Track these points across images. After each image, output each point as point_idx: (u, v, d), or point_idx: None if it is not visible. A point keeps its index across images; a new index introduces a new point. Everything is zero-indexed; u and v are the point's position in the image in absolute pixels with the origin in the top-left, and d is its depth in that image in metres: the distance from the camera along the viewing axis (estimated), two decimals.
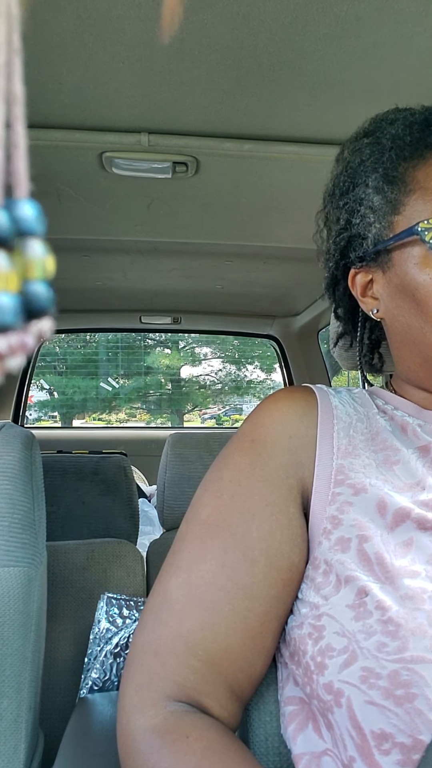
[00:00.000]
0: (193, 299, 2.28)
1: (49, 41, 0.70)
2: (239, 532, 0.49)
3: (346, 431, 0.54)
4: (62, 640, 1.16)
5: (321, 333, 2.48)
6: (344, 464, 0.51)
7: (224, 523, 0.49)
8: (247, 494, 0.50)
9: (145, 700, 0.46)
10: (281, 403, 0.57)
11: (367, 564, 0.46)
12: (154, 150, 0.95)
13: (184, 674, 0.46)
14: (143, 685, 0.46)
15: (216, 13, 0.65)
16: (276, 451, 0.53)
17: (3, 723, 0.77)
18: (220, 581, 0.47)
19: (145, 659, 0.47)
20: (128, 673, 0.48)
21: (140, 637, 0.49)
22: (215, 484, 0.52)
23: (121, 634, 1.11)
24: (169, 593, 0.48)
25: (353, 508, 0.49)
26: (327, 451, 0.53)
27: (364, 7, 0.64)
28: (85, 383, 5.57)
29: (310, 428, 0.54)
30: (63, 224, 1.32)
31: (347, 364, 0.83)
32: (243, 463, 0.53)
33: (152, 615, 0.49)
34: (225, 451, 0.56)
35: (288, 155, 0.97)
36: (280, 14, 0.65)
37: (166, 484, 1.33)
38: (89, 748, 0.84)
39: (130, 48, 0.72)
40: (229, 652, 0.46)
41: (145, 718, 0.45)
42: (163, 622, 0.48)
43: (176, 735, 0.43)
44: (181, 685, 0.46)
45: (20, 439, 0.88)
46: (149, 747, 0.44)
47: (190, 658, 0.46)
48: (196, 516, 0.51)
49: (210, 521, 0.50)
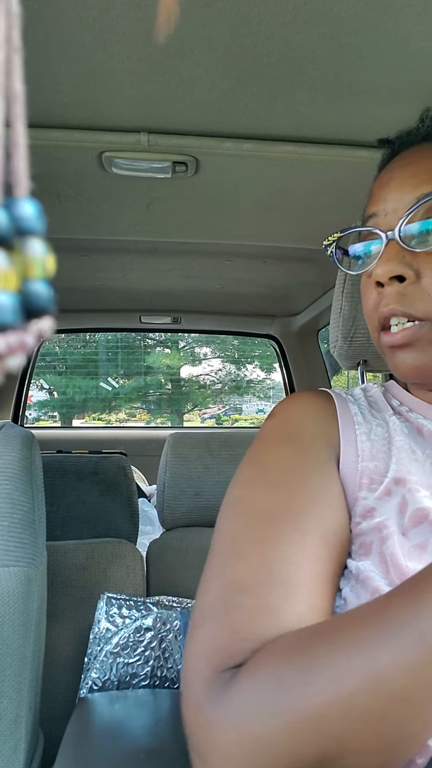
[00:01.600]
0: (193, 299, 2.28)
1: (48, 41, 0.70)
2: (310, 519, 0.47)
3: (367, 435, 0.54)
4: (62, 640, 1.16)
5: (321, 333, 2.48)
6: (369, 467, 0.52)
7: (290, 511, 0.47)
8: (305, 483, 0.49)
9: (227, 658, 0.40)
10: (310, 404, 0.58)
11: (384, 566, 0.46)
12: (153, 150, 0.95)
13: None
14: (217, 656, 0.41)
15: (215, 12, 0.65)
16: (316, 444, 0.53)
17: (3, 723, 0.77)
18: (309, 564, 0.45)
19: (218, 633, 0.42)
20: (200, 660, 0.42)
21: (206, 626, 0.43)
22: (263, 477, 0.51)
23: (120, 634, 1.11)
24: (235, 579, 0.44)
25: (377, 512, 0.49)
26: (352, 454, 0.53)
27: (363, 6, 0.64)
28: (85, 383, 5.57)
29: (336, 431, 0.55)
30: (62, 224, 1.32)
31: (347, 363, 0.83)
32: (288, 455, 0.52)
33: (220, 604, 0.43)
34: (259, 448, 0.55)
35: (288, 155, 0.97)
36: (280, 13, 0.65)
37: (166, 484, 1.33)
38: (89, 748, 0.84)
39: (130, 47, 0.72)
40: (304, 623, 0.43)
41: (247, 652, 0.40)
42: (237, 604, 0.43)
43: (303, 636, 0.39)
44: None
45: (20, 438, 0.88)
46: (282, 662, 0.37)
47: (271, 628, 0.41)
48: (252, 509, 0.48)
49: (272, 512, 0.47)
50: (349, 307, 0.79)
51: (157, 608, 1.14)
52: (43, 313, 0.14)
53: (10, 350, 0.14)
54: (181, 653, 1.10)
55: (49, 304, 0.14)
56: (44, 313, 0.14)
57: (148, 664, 1.09)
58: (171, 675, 1.09)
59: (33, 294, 0.14)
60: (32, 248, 0.14)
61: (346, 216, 1.24)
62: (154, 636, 1.11)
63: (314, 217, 1.27)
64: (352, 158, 0.97)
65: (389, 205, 0.55)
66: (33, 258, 0.14)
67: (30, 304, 0.14)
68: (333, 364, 2.55)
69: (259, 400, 6.11)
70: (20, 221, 0.14)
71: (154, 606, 1.14)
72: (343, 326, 0.79)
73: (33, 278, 0.14)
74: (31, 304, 0.14)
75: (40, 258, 0.15)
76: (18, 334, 0.14)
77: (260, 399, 6.10)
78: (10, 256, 0.14)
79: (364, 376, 0.84)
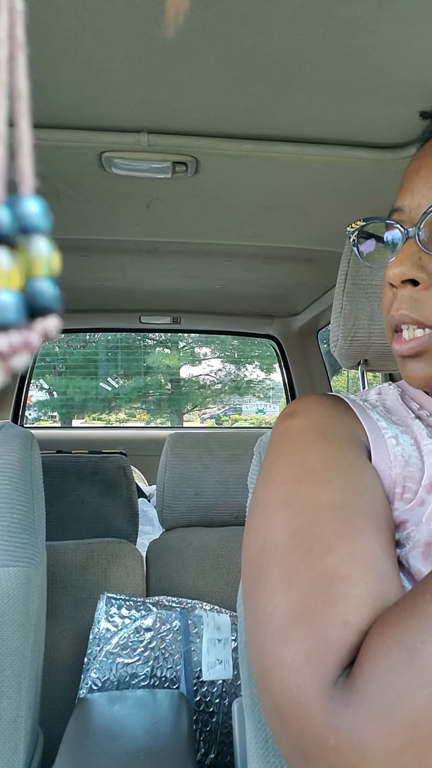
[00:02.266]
0: (193, 299, 2.28)
1: (48, 41, 0.70)
2: (378, 515, 0.44)
3: (396, 440, 0.51)
4: (62, 640, 1.16)
5: (321, 333, 2.48)
6: (402, 474, 0.48)
7: (358, 505, 0.44)
8: (357, 481, 0.46)
9: (325, 668, 0.36)
10: (333, 407, 0.54)
11: (412, 582, 0.44)
12: (153, 150, 0.95)
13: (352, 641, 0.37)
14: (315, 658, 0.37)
15: (215, 12, 0.65)
16: (352, 446, 0.49)
17: (2, 723, 0.77)
18: (390, 558, 0.42)
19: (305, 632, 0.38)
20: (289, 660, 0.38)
21: (308, 620, 0.38)
22: (312, 474, 0.46)
23: (120, 634, 1.10)
24: (331, 569, 0.40)
25: (408, 524, 0.47)
26: (384, 461, 0.50)
27: (362, 7, 0.64)
28: (85, 383, 5.56)
29: (364, 436, 0.52)
30: (62, 224, 1.32)
31: (348, 363, 0.83)
32: (330, 454, 0.48)
33: (319, 596, 0.39)
34: (293, 447, 0.50)
35: (287, 155, 0.97)
36: (279, 14, 0.65)
37: (165, 484, 1.33)
38: (89, 748, 0.84)
39: (130, 48, 0.72)
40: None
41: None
42: (343, 593, 0.39)
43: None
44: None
45: (20, 439, 0.88)
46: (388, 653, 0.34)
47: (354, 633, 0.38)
48: (315, 503, 0.44)
49: (341, 506, 0.43)
50: (350, 307, 0.79)
51: (157, 608, 1.14)
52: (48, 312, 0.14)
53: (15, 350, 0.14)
54: (180, 653, 1.10)
55: (54, 302, 0.14)
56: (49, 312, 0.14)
57: (147, 664, 1.08)
58: (171, 675, 1.09)
59: (38, 292, 0.14)
60: (37, 246, 0.14)
61: (346, 216, 1.24)
62: (153, 636, 1.11)
63: (314, 217, 1.27)
64: (352, 158, 0.97)
65: (415, 200, 0.51)
66: (38, 256, 0.14)
67: (35, 303, 0.14)
68: (333, 364, 2.55)
69: (259, 401, 6.11)
70: (25, 219, 0.14)
71: (153, 606, 1.14)
72: (344, 326, 0.79)
73: (38, 276, 0.14)
74: (36, 302, 0.14)
75: (46, 256, 0.14)
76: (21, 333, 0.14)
77: (260, 399, 6.10)
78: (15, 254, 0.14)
79: (364, 376, 0.84)
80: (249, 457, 0.68)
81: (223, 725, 1.09)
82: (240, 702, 0.73)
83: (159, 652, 1.09)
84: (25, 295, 0.14)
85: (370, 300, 0.78)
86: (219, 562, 1.28)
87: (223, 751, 1.09)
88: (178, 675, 1.09)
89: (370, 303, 0.78)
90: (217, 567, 1.28)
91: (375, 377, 1.87)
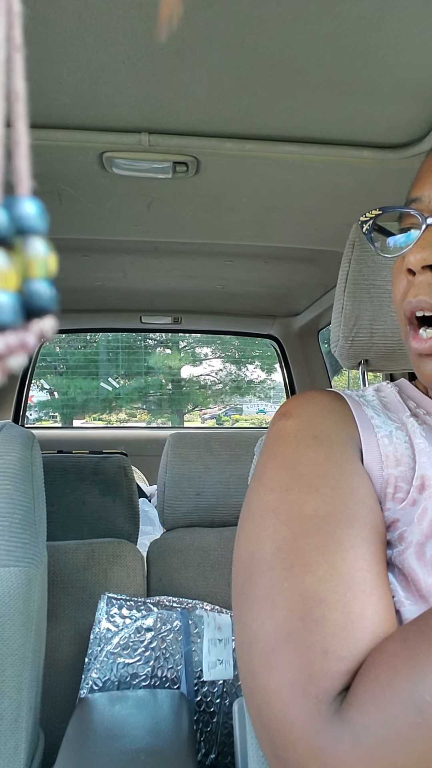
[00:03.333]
0: (194, 299, 2.28)
1: (49, 41, 0.70)
2: (365, 522, 0.44)
3: (389, 439, 0.51)
4: (62, 640, 1.16)
5: (321, 333, 2.48)
6: (394, 474, 0.49)
7: (343, 514, 0.44)
8: (345, 487, 0.46)
9: (320, 692, 0.36)
10: (327, 404, 0.54)
11: (404, 580, 0.44)
12: (154, 150, 0.95)
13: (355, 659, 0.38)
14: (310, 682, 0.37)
15: (217, 12, 0.65)
16: (344, 447, 0.50)
17: (3, 723, 0.77)
18: (373, 567, 0.42)
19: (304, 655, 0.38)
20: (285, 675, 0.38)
21: (290, 648, 0.38)
22: (299, 480, 0.47)
23: (121, 634, 1.10)
24: (310, 591, 0.40)
25: (399, 523, 0.47)
26: (375, 460, 0.50)
27: (365, 6, 0.64)
28: (85, 384, 5.57)
29: (356, 434, 0.52)
30: (63, 224, 1.32)
31: (348, 363, 0.83)
32: (320, 458, 0.48)
33: (299, 622, 0.39)
34: (285, 450, 0.50)
35: (289, 155, 0.97)
36: (281, 13, 0.65)
37: (166, 484, 1.33)
38: (90, 748, 0.84)
39: (131, 48, 0.72)
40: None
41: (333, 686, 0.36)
42: (321, 618, 0.39)
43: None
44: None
45: (20, 439, 0.88)
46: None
47: (361, 642, 0.38)
48: (300, 514, 0.44)
49: (325, 516, 0.44)
50: (351, 307, 0.79)
51: (158, 608, 1.14)
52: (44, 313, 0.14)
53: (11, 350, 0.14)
54: (181, 654, 1.10)
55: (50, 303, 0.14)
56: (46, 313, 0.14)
57: (148, 664, 1.08)
58: (171, 675, 1.09)
59: (34, 293, 0.14)
60: (34, 247, 0.14)
61: (348, 216, 1.24)
62: (154, 636, 1.11)
63: (315, 217, 1.27)
64: (354, 158, 0.97)
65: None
66: (34, 257, 0.14)
67: (31, 304, 0.14)
68: (333, 364, 2.55)
69: (260, 401, 6.11)
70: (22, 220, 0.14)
71: (154, 606, 1.14)
72: (345, 326, 0.79)
73: (34, 277, 0.14)
74: (33, 303, 0.14)
75: (42, 257, 0.14)
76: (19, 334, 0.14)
77: (261, 399, 6.10)
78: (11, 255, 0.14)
79: (365, 376, 0.84)
80: (250, 457, 0.67)
81: (223, 725, 1.09)
82: (241, 702, 0.73)
83: (160, 653, 1.09)
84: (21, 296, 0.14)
85: (372, 300, 0.78)
86: (220, 562, 1.28)
87: (224, 752, 1.09)
88: (178, 675, 1.09)
89: (372, 303, 0.78)
90: (218, 567, 1.28)
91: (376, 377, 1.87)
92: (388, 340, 0.78)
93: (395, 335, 0.77)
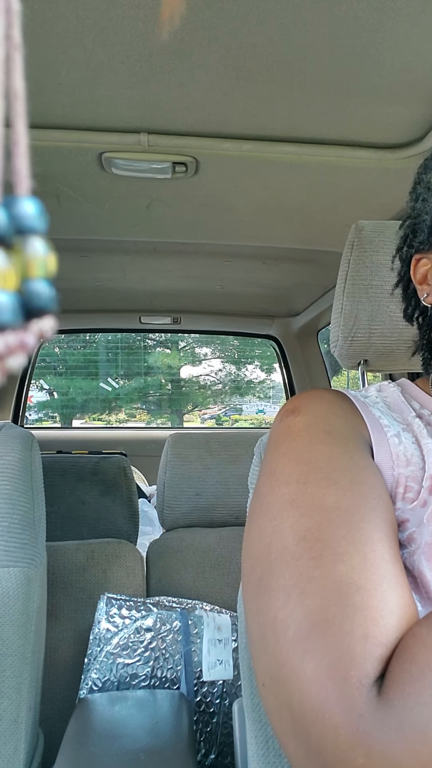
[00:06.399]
0: (193, 299, 2.28)
1: (48, 41, 0.70)
2: (383, 517, 0.44)
3: (398, 438, 0.51)
4: (62, 641, 1.16)
5: (321, 333, 2.48)
6: (405, 474, 0.48)
7: (364, 507, 0.44)
8: (362, 481, 0.46)
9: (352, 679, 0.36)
10: (335, 402, 0.54)
11: (413, 582, 0.44)
12: (153, 150, 0.95)
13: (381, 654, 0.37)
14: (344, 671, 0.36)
15: (215, 12, 0.65)
16: (356, 443, 0.49)
17: (3, 723, 0.77)
18: (398, 562, 0.42)
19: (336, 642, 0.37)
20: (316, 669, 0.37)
21: (329, 632, 0.37)
22: (317, 474, 0.46)
23: (121, 635, 1.10)
24: (345, 578, 0.39)
25: (409, 524, 0.47)
26: (386, 459, 0.49)
27: (363, 7, 0.64)
28: (85, 384, 5.57)
29: (366, 432, 0.51)
30: (62, 224, 1.32)
31: (348, 363, 0.83)
32: (335, 452, 0.47)
33: (336, 607, 0.38)
34: (297, 445, 0.49)
35: (288, 155, 0.97)
36: (280, 14, 0.65)
37: (166, 485, 1.33)
38: (89, 749, 0.84)
39: (130, 48, 0.72)
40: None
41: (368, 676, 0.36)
42: (360, 604, 0.38)
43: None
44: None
45: (20, 439, 0.88)
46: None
47: (397, 630, 0.38)
48: (322, 506, 0.43)
49: (347, 508, 0.43)
50: (350, 307, 0.79)
51: (157, 609, 1.14)
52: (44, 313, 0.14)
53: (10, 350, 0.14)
54: (180, 654, 1.10)
55: (50, 303, 0.14)
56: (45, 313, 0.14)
57: (148, 664, 1.08)
58: (171, 675, 1.09)
59: (34, 293, 0.14)
60: (33, 247, 0.14)
61: (346, 217, 1.24)
62: (154, 636, 1.11)
63: (314, 217, 1.27)
64: (352, 159, 0.97)
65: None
66: (33, 257, 0.14)
67: (31, 304, 0.14)
68: (333, 364, 2.55)
69: (260, 401, 6.11)
70: (21, 220, 0.14)
71: (154, 606, 1.14)
72: (344, 326, 0.79)
73: (34, 277, 0.14)
74: (32, 303, 0.14)
75: (41, 257, 0.14)
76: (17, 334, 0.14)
77: (260, 399, 6.10)
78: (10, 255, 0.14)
79: (364, 376, 0.84)
80: (249, 458, 0.67)
81: (223, 726, 1.09)
82: (240, 702, 0.73)
83: (159, 653, 1.09)
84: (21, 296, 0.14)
85: (371, 300, 0.78)
86: (219, 563, 1.28)
87: (224, 752, 1.09)
88: (178, 675, 1.09)
89: (371, 303, 0.78)
90: (218, 567, 1.28)
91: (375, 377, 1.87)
92: (387, 340, 0.78)
93: (394, 335, 0.77)
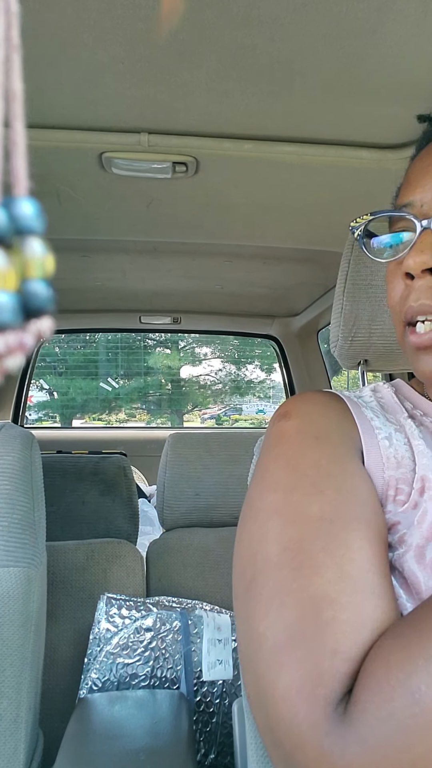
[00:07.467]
0: (193, 299, 2.28)
1: (48, 41, 0.70)
2: (369, 523, 0.44)
3: (389, 440, 0.51)
4: (62, 641, 1.16)
5: (321, 333, 2.48)
6: (395, 476, 0.48)
7: (348, 516, 0.44)
8: (349, 488, 0.46)
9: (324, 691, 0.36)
10: (327, 405, 0.54)
11: (404, 583, 0.45)
12: (153, 150, 0.95)
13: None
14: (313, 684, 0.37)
15: (216, 13, 0.65)
16: (345, 448, 0.49)
17: (2, 723, 0.77)
18: (380, 569, 0.42)
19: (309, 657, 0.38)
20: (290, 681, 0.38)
21: (300, 647, 0.38)
22: (303, 481, 0.47)
23: (120, 635, 1.10)
24: (320, 592, 0.40)
25: (400, 526, 0.47)
26: (376, 462, 0.50)
27: (363, 7, 0.64)
28: (85, 384, 5.57)
29: (357, 435, 0.52)
30: (62, 224, 1.32)
31: (348, 363, 0.83)
32: (323, 459, 0.48)
33: (309, 621, 0.39)
34: (287, 450, 0.50)
35: (288, 155, 0.97)
36: (280, 14, 0.65)
37: (166, 484, 1.33)
38: (89, 749, 0.84)
39: (130, 48, 0.72)
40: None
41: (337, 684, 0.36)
42: (331, 619, 0.39)
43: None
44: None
45: (20, 439, 0.88)
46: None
47: (368, 644, 0.38)
48: (306, 515, 0.44)
49: (331, 517, 0.44)
50: (350, 307, 0.79)
51: (157, 609, 1.14)
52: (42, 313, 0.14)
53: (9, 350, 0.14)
54: (180, 654, 1.10)
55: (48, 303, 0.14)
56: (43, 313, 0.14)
57: (147, 664, 1.08)
58: (171, 675, 1.09)
59: (32, 294, 0.14)
60: (31, 248, 0.14)
61: (347, 216, 1.24)
62: (153, 636, 1.11)
63: (314, 217, 1.27)
64: (352, 159, 0.97)
65: (427, 195, 0.51)
66: (32, 257, 0.14)
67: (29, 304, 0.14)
68: (333, 364, 2.55)
69: (259, 401, 6.11)
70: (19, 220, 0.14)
71: (154, 606, 1.14)
72: (344, 326, 0.79)
73: (32, 278, 0.14)
74: (30, 303, 0.14)
75: (39, 257, 0.15)
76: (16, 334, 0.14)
77: (260, 399, 6.10)
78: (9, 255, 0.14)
79: (364, 376, 0.84)
80: (249, 458, 0.68)
81: (223, 725, 1.09)
82: (240, 702, 0.73)
83: (159, 653, 1.09)
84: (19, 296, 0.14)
85: (371, 300, 0.78)
86: (219, 563, 1.28)
87: (223, 752, 1.09)
88: (178, 675, 1.09)
89: (371, 303, 0.78)
90: (217, 567, 1.28)
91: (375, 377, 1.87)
92: (387, 340, 0.78)
93: (393, 335, 0.77)
